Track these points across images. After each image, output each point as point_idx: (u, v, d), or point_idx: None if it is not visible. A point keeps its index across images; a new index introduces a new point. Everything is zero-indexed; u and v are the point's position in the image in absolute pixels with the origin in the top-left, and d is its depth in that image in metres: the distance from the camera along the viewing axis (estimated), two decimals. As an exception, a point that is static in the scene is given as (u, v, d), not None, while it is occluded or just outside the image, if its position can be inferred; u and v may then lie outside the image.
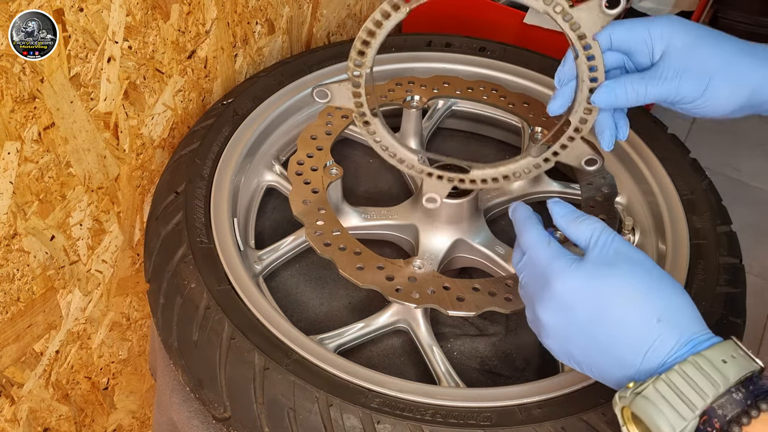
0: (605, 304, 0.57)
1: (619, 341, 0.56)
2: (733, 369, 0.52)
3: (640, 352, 0.55)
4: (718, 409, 0.51)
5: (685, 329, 0.55)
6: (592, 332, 0.57)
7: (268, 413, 0.70)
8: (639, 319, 0.56)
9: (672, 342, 0.55)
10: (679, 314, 0.56)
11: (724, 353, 0.53)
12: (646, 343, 0.55)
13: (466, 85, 1.03)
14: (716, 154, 2.19)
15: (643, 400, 0.53)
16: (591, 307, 0.57)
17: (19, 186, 0.79)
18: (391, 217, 0.92)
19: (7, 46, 0.70)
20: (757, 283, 1.88)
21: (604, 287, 0.57)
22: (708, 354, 0.53)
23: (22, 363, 0.92)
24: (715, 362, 0.53)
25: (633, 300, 0.56)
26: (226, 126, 0.95)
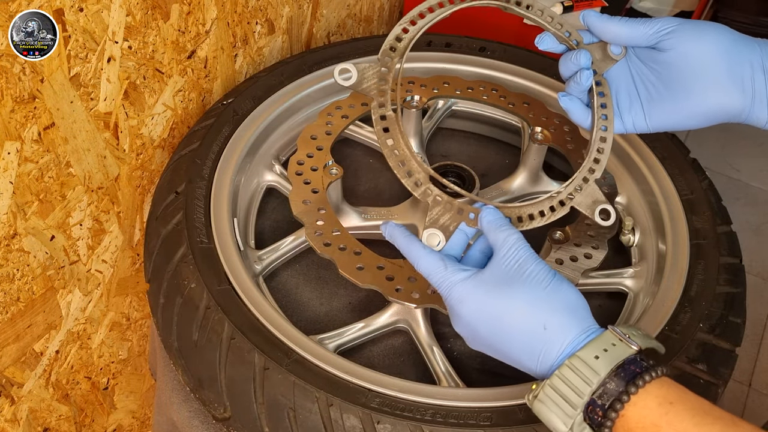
0: (499, 319, 0.62)
1: (517, 350, 0.62)
2: (605, 362, 0.58)
3: (533, 359, 0.61)
4: (597, 400, 0.57)
5: (568, 332, 0.60)
6: (494, 344, 0.63)
7: (268, 413, 0.70)
8: (527, 329, 0.61)
9: (558, 346, 0.60)
10: (563, 318, 0.61)
11: (597, 349, 0.59)
12: (537, 350, 0.61)
13: (466, 85, 1.03)
14: (716, 154, 2.19)
15: (538, 403, 0.60)
16: (489, 323, 0.63)
17: (19, 186, 0.79)
18: (391, 217, 0.92)
19: (7, 46, 0.70)
20: (757, 283, 1.88)
21: (497, 303, 0.62)
22: (581, 353, 0.59)
23: (22, 363, 0.92)
24: (588, 360, 0.58)
25: (521, 312, 0.61)
26: (226, 126, 0.95)
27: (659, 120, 0.74)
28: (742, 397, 1.70)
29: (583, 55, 0.73)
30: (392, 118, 0.73)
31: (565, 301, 0.62)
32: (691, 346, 0.75)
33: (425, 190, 0.71)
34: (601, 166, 0.74)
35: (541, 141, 0.96)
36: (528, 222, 0.72)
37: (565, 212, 0.74)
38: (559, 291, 0.62)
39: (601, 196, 0.74)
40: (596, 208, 0.74)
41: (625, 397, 0.56)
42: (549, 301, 0.62)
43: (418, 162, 0.72)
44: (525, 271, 0.63)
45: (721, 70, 0.69)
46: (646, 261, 0.90)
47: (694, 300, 0.80)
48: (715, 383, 0.74)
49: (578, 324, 0.61)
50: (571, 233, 0.86)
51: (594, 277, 0.89)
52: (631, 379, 0.57)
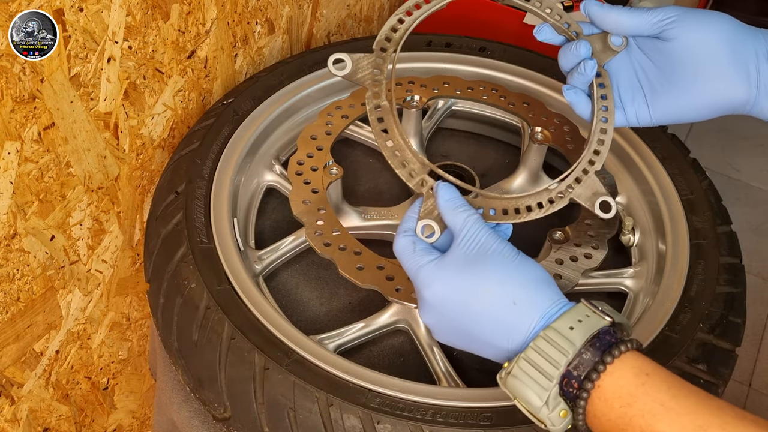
0: (466, 300, 0.61)
1: (486, 330, 0.61)
2: (580, 333, 0.57)
3: (504, 336, 0.60)
4: (573, 371, 0.57)
5: (538, 305, 0.60)
6: (463, 327, 0.62)
7: (268, 413, 0.70)
8: (497, 307, 0.60)
9: (529, 320, 0.59)
10: (532, 293, 0.60)
11: (571, 320, 0.58)
12: (507, 327, 0.60)
13: (466, 85, 1.03)
14: (716, 154, 2.19)
15: (513, 379, 0.59)
16: (455, 305, 0.62)
17: (19, 186, 0.79)
18: (391, 217, 0.92)
19: (7, 46, 0.70)
20: (757, 283, 1.88)
21: (463, 283, 0.61)
22: (556, 325, 0.58)
23: (22, 363, 0.92)
24: (563, 331, 0.58)
25: (489, 290, 0.61)
26: (226, 126, 0.95)
27: (663, 112, 0.73)
28: (742, 397, 1.70)
29: (583, 46, 0.72)
30: (386, 108, 0.72)
31: (532, 277, 0.61)
32: (691, 346, 0.75)
33: (420, 180, 0.70)
34: (601, 158, 0.73)
35: (541, 141, 0.96)
36: (526, 213, 0.71)
37: (564, 204, 0.72)
38: (524, 267, 0.62)
39: (601, 188, 0.73)
40: (596, 201, 0.72)
41: (601, 367, 0.55)
42: (516, 278, 0.61)
43: (413, 152, 0.71)
44: (488, 249, 0.62)
45: (726, 60, 0.68)
46: (646, 261, 0.90)
47: (694, 300, 0.80)
48: (715, 383, 0.74)
49: (549, 297, 0.60)
50: (571, 233, 0.86)
51: (594, 277, 0.89)
52: (607, 349, 0.56)
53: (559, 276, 0.81)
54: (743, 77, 0.68)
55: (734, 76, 0.68)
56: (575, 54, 0.73)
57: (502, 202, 0.71)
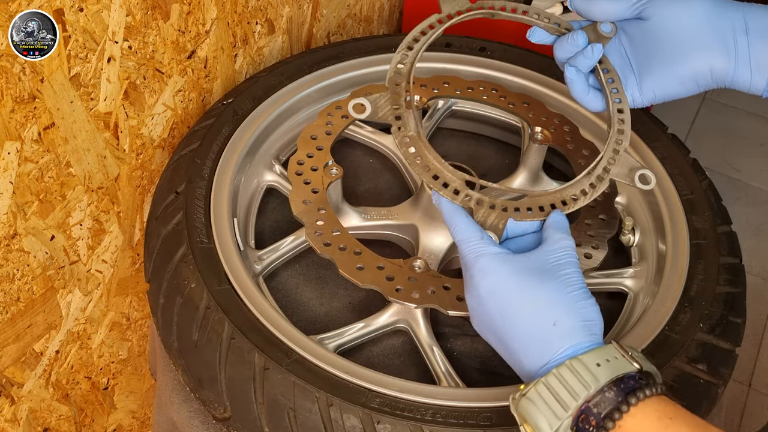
0: (513, 301, 0.61)
1: (517, 339, 0.61)
2: (606, 371, 0.57)
3: (531, 353, 0.60)
4: (593, 408, 0.56)
5: (574, 335, 0.60)
6: (499, 327, 0.62)
7: (268, 413, 0.70)
8: (537, 319, 0.60)
9: (560, 345, 0.59)
10: (573, 323, 0.60)
11: (600, 357, 0.58)
12: (537, 344, 0.60)
13: (466, 85, 1.03)
14: (716, 154, 2.19)
15: (526, 401, 0.58)
16: (501, 302, 0.62)
17: (19, 186, 0.79)
18: (391, 217, 0.92)
19: (7, 46, 0.70)
20: (757, 283, 1.88)
21: (518, 285, 0.61)
22: (584, 358, 0.58)
23: (22, 363, 0.92)
24: (589, 365, 0.57)
25: (537, 302, 0.61)
26: (226, 126, 0.95)
27: (652, 90, 0.75)
28: (742, 397, 1.70)
29: (580, 35, 0.75)
30: (415, 138, 0.74)
31: (583, 312, 0.61)
32: (691, 346, 0.75)
33: (465, 196, 0.71)
34: (626, 135, 0.76)
35: (541, 141, 0.96)
36: (572, 204, 0.73)
37: (605, 187, 0.74)
38: (582, 302, 0.62)
39: (636, 163, 0.75)
40: (635, 175, 0.74)
41: (624, 407, 0.55)
42: (568, 305, 0.61)
43: (451, 171, 0.73)
44: (561, 270, 0.63)
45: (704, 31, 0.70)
46: (646, 261, 0.90)
47: (694, 300, 0.80)
48: (715, 383, 0.74)
49: (587, 333, 0.60)
50: (571, 233, 0.86)
51: (594, 277, 0.89)
52: (632, 391, 0.56)
53: (559, 276, 0.81)
54: (721, 47, 0.70)
55: (712, 46, 0.70)
56: (573, 44, 0.75)
57: (547, 198, 0.73)
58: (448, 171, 0.73)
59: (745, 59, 0.70)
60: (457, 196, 0.71)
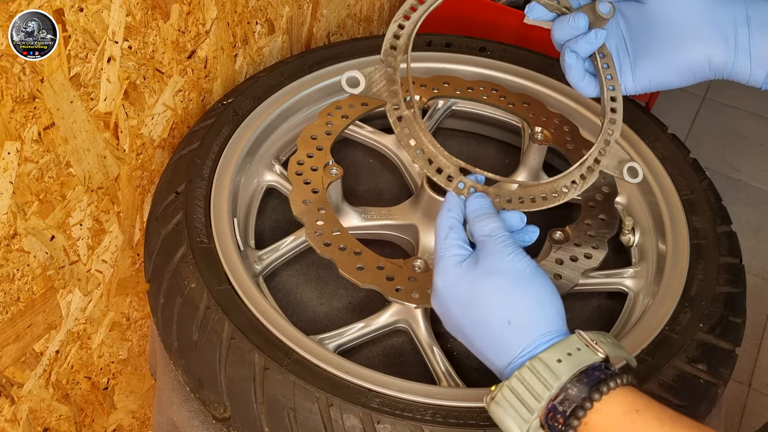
0: (468, 305, 0.61)
1: (480, 341, 0.61)
2: (568, 366, 0.55)
3: (494, 353, 0.60)
4: (559, 406, 0.55)
5: (531, 331, 0.58)
6: (462, 328, 0.62)
7: (268, 413, 0.70)
8: (491, 321, 0.59)
9: (518, 344, 0.58)
10: (529, 316, 0.59)
11: (561, 352, 0.56)
12: (498, 345, 0.59)
13: (466, 85, 1.03)
14: (716, 154, 2.19)
15: (495, 405, 0.58)
16: (458, 306, 0.61)
17: (19, 186, 0.79)
18: (391, 217, 0.92)
19: (7, 46, 0.70)
20: (757, 283, 1.88)
21: (471, 287, 0.61)
22: (543, 356, 0.56)
23: (22, 363, 0.92)
24: (550, 363, 0.56)
25: (490, 302, 0.60)
26: (226, 126, 0.95)
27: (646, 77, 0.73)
28: (742, 397, 1.70)
29: (581, 17, 0.72)
30: (409, 118, 0.72)
31: (537, 297, 0.60)
32: (691, 346, 0.75)
33: (458, 183, 0.70)
34: (618, 125, 0.75)
35: (541, 141, 0.96)
36: (563, 195, 0.73)
37: (595, 178, 0.74)
38: (533, 284, 0.60)
39: (625, 156, 0.75)
40: (623, 168, 0.74)
41: (588, 404, 0.54)
42: (520, 296, 0.60)
43: (446, 156, 0.71)
44: (504, 261, 0.61)
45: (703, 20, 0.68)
46: (646, 261, 0.90)
47: (694, 300, 0.80)
48: (715, 383, 0.74)
49: (544, 324, 0.59)
50: (571, 233, 0.86)
51: (594, 277, 0.89)
52: (595, 386, 0.54)
53: (559, 276, 0.81)
54: (720, 38, 0.68)
55: (711, 36, 0.69)
56: (573, 27, 0.72)
57: (539, 189, 0.72)
58: (443, 156, 0.71)
59: (745, 51, 0.68)
60: (450, 183, 0.70)
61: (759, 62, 0.68)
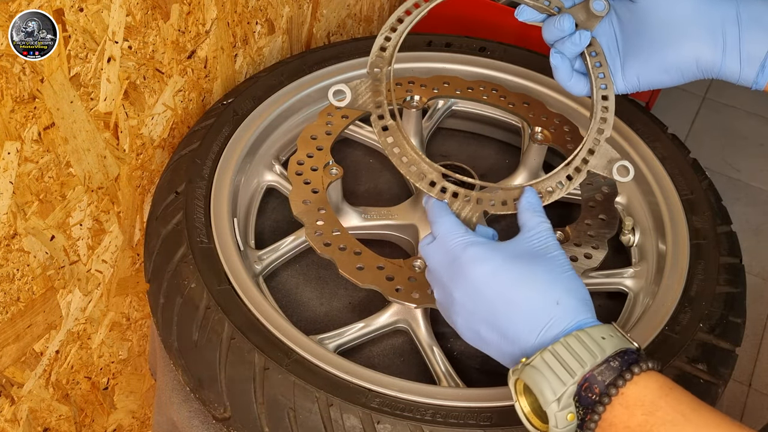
0: (511, 285, 0.62)
1: (518, 321, 0.61)
2: (611, 344, 0.58)
3: (536, 329, 0.60)
4: (597, 376, 0.57)
5: (579, 312, 0.61)
6: (492, 313, 0.62)
7: (268, 413, 0.70)
8: (540, 299, 0.61)
9: (565, 322, 0.60)
10: (575, 302, 0.62)
11: (604, 332, 0.59)
12: (543, 321, 0.60)
13: (466, 85, 1.03)
14: (716, 154, 2.19)
15: (532, 369, 0.58)
16: (499, 288, 0.62)
17: (19, 186, 0.79)
18: (391, 217, 0.92)
19: (7, 46, 0.70)
20: (757, 283, 1.88)
21: (516, 269, 0.63)
22: (590, 331, 0.59)
23: (22, 363, 0.92)
24: (596, 338, 0.58)
25: (538, 283, 0.62)
26: (226, 126, 0.95)
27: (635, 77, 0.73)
28: (742, 397, 1.70)
29: (567, 19, 0.73)
30: (394, 127, 0.73)
31: (579, 290, 0.63)
32: (691, 346, 0.75)
33: (441, 188, 0.71)
34: (609, 124, 0.74)
35: (541, 141, 0.96)
36: (548, 196, 0.72)
37: (582, 179, 0.73)
38: (575, 279, 0.63)
39: (615, 154, 0.74)
40: (613, 167, 0.73)
41: (628, 375, 0.56)
42: (566, 283, 0.62)
43: (428, 163, 0.73)
44: (549, 252, 0.64)
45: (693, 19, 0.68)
46: (646, 261, 0.90)
47: (694, 300, 0.80)
48: (715, 383, 0.74)
49: (588, 310, 0.62)
50: (571, 233, 0.86)
51: (594, 277, 0.89)
52: (634, 362, 0.57)
53: (559, 276, 0.81)
54: (709, 38, 0.68)
55: (700, 36, 0.68)
56: (559, 29, 0.73)
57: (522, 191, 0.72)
58: (424, 162, 0.72)
59: (734, 50, 0.68)
60: (432, 188, 0.71)
61: (749, 62, 0.68)
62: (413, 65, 1.08)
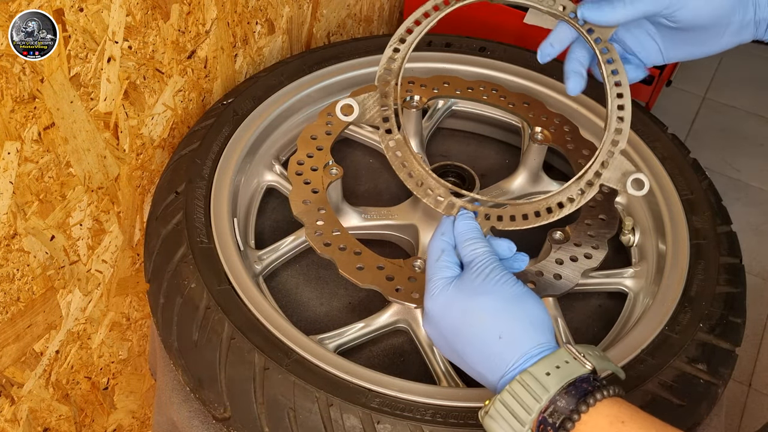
0: (459, 324, 0.62)
1: (474, 358, 0.62)
2: (556, 379, 0.57)
3: (487, 368, 0.61)
4: (548, 418, 0.56)
5: (521, 345, 0.60)
6: (455, 347, 0.63)
7: (268, 413, 0.70)
8: (483, 337, 0.61)
9: (509, 358, 0.59)
10: (519, 331, 0.60)
11: (549, 365, 0.58)
12: (490, 360, 0.60)
13: (466, 85, 1.03)
14: (716, 154, 2.19)
15: (489, 419, 0.59)
16: (450, 326, 0.63)
17: (19, 186, 0.79)
18: (391, 217, 0.92)
19: (7, 46, 0.70)
20: (757, 283, 1.88)
21: (461, 306, 0.62)
22: (533, 369, 0.58)
23: (22, 363, 0.92)
24: (539, 376, 0.57)
25: (480, 319, 0.61)
26: (226, 126, 0.95)
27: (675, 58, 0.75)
28: (742, 397, 1.70)
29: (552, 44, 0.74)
30: (401, 141, 0.73)
31: (526, 314, 0.61)
32: (691, 346, 0.75)
33: (448, 203, 0.71)
34: (624, 136, 0.71)
35: (541, 141, 0.96)
36: (558, 211, 0.71)
37: (595, 192, 0.71)
38: (522, 303, 0.62)
39: (630, 167, 0.70)
40: (627, 180, 0.70)
41: (575, 416, 0.55)
42: (510, 312, 0.61)
43: (435, 179, 0.72)
44: (491, 281, 0.63)
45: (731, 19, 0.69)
46: (646, 261, 0.90)
47: (694, 300, 0.80)
48: (715, 383, 0.74)
49: (534, 338, 0.60)
50: (571, 233, 0.86)
51: (594, 277, 0.89)
52: (582, 397, 0.56)
53: (559, 276, 0.81)
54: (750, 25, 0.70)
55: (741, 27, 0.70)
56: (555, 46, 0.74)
57: (532, 206, 0.71)
58: (432, 178, 0.72)
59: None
60: (440, 203, 0.71)
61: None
62: (413, 65, 1.08)
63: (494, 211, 0.72)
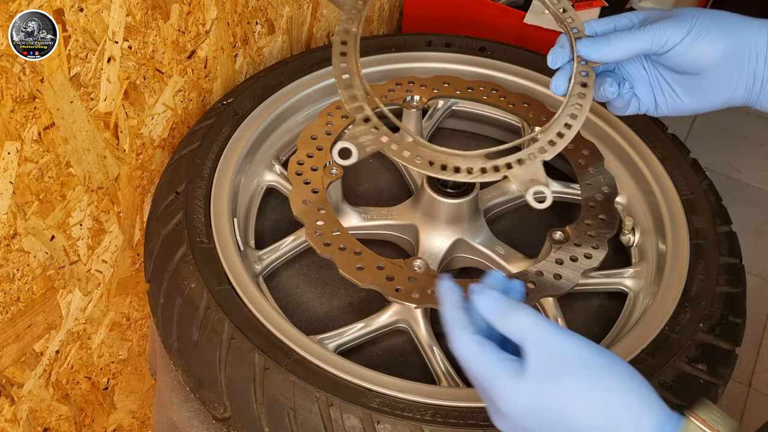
0: (558, 421, 0.53)
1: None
2: None
3: None
4: None
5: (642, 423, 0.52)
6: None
7: (268, 413, 0.70)
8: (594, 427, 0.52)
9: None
10: (631, 409, 0.52)
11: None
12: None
13: (466, 85, 1.03)
14: (716, 154, 2.19)
15: None
16: (544, 425, 0.54)
17: (19, 186, 0.79)
18: (391, 217, 0.92)
19: (7, 46, 0.70)
20: (757, 283, 1.88)
21: (549, 403, 0.53)
22: None
23: (22, 363, 0.92)
24: None
25: (581, 409, 0.52)
26: (226, 126, 0.95)
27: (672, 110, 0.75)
28: (742, 397, 1.70)
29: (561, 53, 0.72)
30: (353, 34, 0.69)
31: (625, 384, 0.53)
32: (691, 346, 0.75)
33: (359, 106, 0.65)
34: (555, 149, 0.67)
35: (541, 141, 0.96)
36: (452, 173, 0.65)
37: (494, 179, 0.67)
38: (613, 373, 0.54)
39: (542, 177, 0.65)
40: (531, 188, 0.65)
41: None
42: (608, 390, 0.53)
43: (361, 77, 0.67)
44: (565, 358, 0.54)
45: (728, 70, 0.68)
46: (646, 261, 0.90)
47: (694, 300, 0.80)
48: (715, 383, 0.74)
49: (649, 412, 0.52)
50: (571, 233, 0.86)
51: (594, 277, 0.89)
52: None
53: (559, 276, 0.81)
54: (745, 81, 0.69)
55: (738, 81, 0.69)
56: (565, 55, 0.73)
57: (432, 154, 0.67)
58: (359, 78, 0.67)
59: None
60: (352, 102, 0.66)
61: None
62: (413, 65, 1.08)
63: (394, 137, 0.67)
